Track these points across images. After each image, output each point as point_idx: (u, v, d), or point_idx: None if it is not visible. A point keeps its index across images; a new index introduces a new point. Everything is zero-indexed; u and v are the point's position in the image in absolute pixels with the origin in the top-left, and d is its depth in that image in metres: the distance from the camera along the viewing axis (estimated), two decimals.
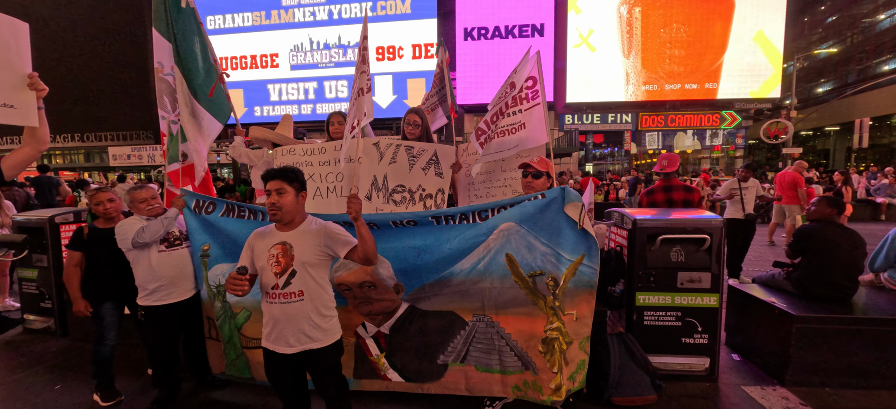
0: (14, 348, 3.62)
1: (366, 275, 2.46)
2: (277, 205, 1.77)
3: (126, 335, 2.79)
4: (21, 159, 2.00)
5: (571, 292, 2.28)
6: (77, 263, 2.56)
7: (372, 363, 2.58)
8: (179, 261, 2.54)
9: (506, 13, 17.67)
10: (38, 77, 1.90)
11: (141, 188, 2.53)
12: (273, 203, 1.77)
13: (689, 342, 2.78)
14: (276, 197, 1.77)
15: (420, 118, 3.21)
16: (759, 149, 26.01)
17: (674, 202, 3.82)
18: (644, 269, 2.76)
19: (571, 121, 19.32)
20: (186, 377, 2.80)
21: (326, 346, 1.84)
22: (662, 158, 3.97)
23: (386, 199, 2.99)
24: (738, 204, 5.41)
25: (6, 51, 1.80)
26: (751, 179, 5.51)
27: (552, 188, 2.35)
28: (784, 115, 17.29)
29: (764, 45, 17.48)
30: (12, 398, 2.79)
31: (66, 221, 3.87)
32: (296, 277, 1.77)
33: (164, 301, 2.46)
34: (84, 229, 2.61)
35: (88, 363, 2.75)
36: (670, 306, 2.76)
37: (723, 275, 2.75)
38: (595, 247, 2.26)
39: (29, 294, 3.96)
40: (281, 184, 1.78)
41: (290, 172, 1.81)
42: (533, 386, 2.36)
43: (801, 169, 7.21)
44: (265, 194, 1.81)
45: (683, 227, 2.74)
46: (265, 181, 1.80)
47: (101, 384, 2.67)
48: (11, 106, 1.83)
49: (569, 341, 2.31)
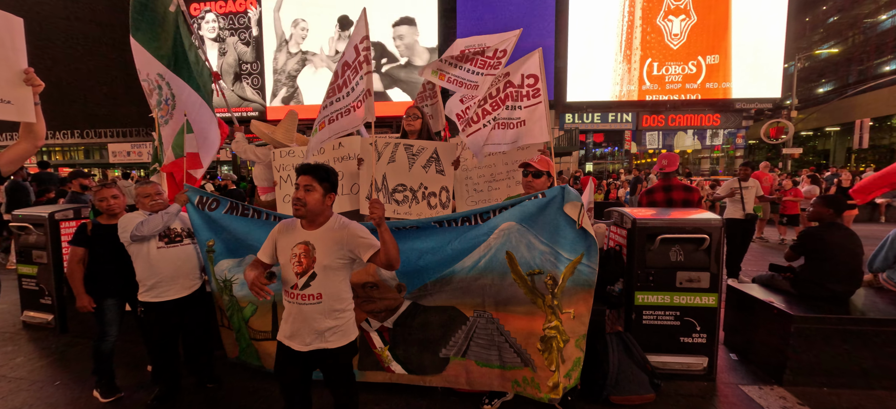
0: (14, 343, 3.62)
1: (368, 276, 2.47)
2: (302, 200, 1.73)
3: (127, 332, 2.79)
4: (18, 155, 1.99)
5: (570, 291, 2.28)
6: (80, 258, 2.56)
7: (376, 355, 2.60)
8: (178, 258, 2.53)
9: (506, 12, 17.66)
10: (34, 73, 1.88)
11: (146, 183, 2.54)
12: (298, 197, 1.73)
13: (688, 342, 2.79)
14: (302, 193, 1.73)
15: (420, 113, 3.21)
16: (760, 149, 26.00)
17: (673, 202, 3.83)
18: (643, 268, 2.76)
19: (572, 120, 19.32)
20: (186, 375, 2.80)
21: (341, 346, 1.82)
22: (662, 157, 3.98)
23: (387, 198, 2.99)
24: (738, 204, 5.41)
25: (1, 47, 1.78)
26: (751, 178, 5.52)
27: (552, 187, 2.35)
28: (784, 115, 17.29)
29: (765, 44, 17.46)
30: (13, 393, 2.80)
31: (65, 217, 3.87)
32: (316, 279, 1.74)
33: (161, 297, 2.46)
34: (88, 224, 2.61)
35: (88, 359, 2.75)
36: (669, 305, 2.77)
37: (722, 275, 2.75)
38: (594, 246, 2.26)
39: (29, 291, 3.96)
40: (310, 180, 1.74)
41: (323, 171, 1.77)
42: (531, 383, 2.37)
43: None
44: (294, 187, 1.78)
45: (683, 226, 2.74)
46: (298, 174, 1.77)
47: (101, 381, 2.68)
48: (8, 102, 1.81)
49: (566, 339, 2.32)
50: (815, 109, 22.31)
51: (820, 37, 26.39)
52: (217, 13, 19.28)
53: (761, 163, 9.03)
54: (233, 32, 19.52)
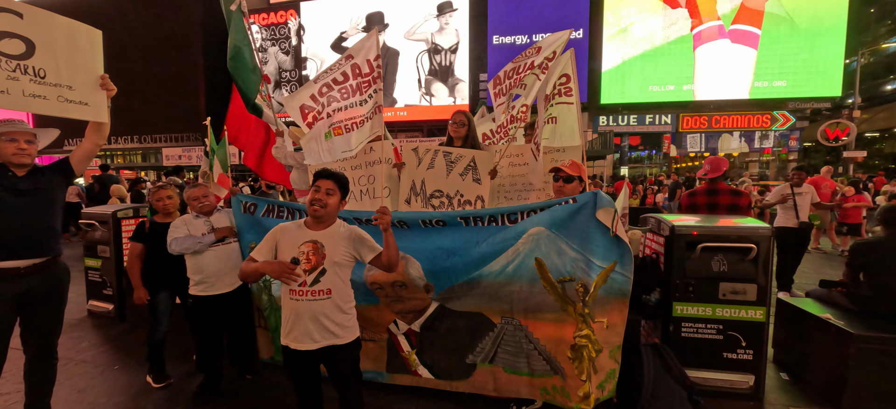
0: (80, 329, 3.99)
1: (397, 275, 2.52)
2: (323, 202, 1.83)
3: (176, 324, 3.01)
4: (86, 153, 2.26)
5: (602, 300, 2.22)
6: (138, 254, 2.79)
7: (403, 358, 2.64)
8: (221, 256, 2.68)
9: (538, 13, 17.43)
10: (108, 78, 2.16)
11: (194, 187, 2.72)
12: (320, 198, 1.82)
13: (732, 358, 2.62)
14: (323, 195, 1.83)
15: (466, 119, 3.23)
16: (817, 152, 23.90)
17: (718, 207, 3.59)
18: (682, 278, 2.63)
19: (606, 122, 18.72)
20: (227, 366, 2.97)
21: (349, 342, 1.90)
22: (706, 163, 3.76)
23: (424, 203, 3.05)
24: (791, 211, 5.02)
25: (83, 55, 2.08)
26: (805, 184, 5.11)
27: (584, 193, 2.30)
28: (846, 115, 15.87)
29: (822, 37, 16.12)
30: (79, 375, 3.09)
31: (126, 216, 4.23)
32: (325, 275, 1.82)
33: (207, 292, 2.63)
34: (145, 222, 2.85)
35: (142, 346, 2.98)
36: (711, 317, 2.62)
37: (770, 287, 2.57)
38: (628, 254, 2.19)
39: (93, 282, 4.36)
40: (333, 185, 1.86)
41: (343, 179, 1.91)
42: (561, 392, 2.32)
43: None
44: (313, 189, 1.86)
45: (727, 235, 2.59)
46: (317, 178, 1.87)
47: (154, 367, 2.90)
48: (86, 104, 2.11)
49: (598, 349, 2.25)
50: (883, 107, 20.30)
51: (887, 29, 24.02)
52: (260, 25, 20.38)
53: (823, 168, 8.27)
54: (274, 42, 20.56)
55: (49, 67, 1.95)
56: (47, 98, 1.96)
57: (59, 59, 1.98)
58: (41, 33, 1.93)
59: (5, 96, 1.84)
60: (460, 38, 18.49)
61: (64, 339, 2.35)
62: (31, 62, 1.90)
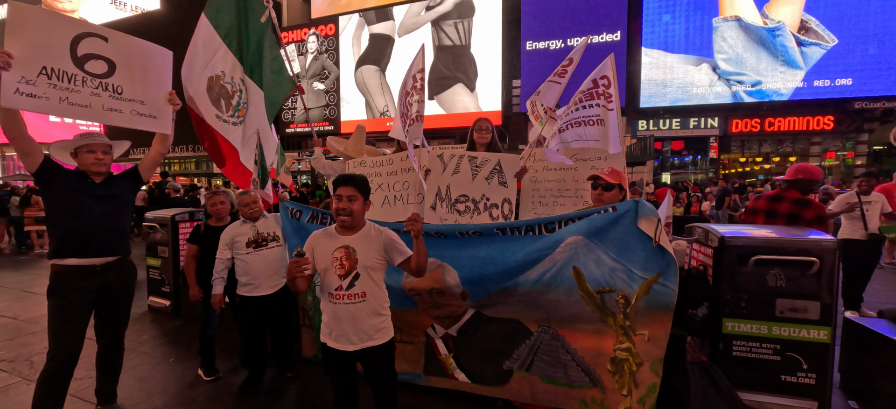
0: (141, 323, 4.35)
1: (434, 282, 2.55)
2: (348, 210, 1.87)
3: (226, 322, 3.21)
4: (152, 161, 2.51)
5: (644, 312, 2.13)
6: (194, 255, 3.01)
7: (441, 361, 2.67)
8: (264, 259, 2.82)
9: (573, 16, 17.10)
10: (175, 94, 2.39)
11: (245, 194, 2.90)
12: (344, 208, 1.87)
13: (791, 381, 2.42)
14: (346, 203, 1.87)
15: (490, 125, 3.25)
16: (889, 156, 21.58)
17: (776, 216, 3.30)
18: (734, 292, 2.47)
19: (646, 127, 17.93)
20: (270, 363, 3.12)
21: (384, 343, 1.94)
22: (791, 167, 3.36)
23: (449, 208, 3.07)
24: (858, 222, 4.57)
25: (155, 73, 2.32)
26: (874, 192, 4.64)
27: (624, 201, 2.23)
28: None
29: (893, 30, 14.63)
30: (139, 365, 3.36)
31: (183, 219, 4.57)
32: (359, 279, 1.87)
33: (252, 293, 2.79)
34: (201, 226, 3.07)
35: (195, 341, 3.20)
36: (766, 336, 2.44)
37: (836, 305, 2.35)
38: (673, 265, 2.09)
39: (153, 279, 4.75)
40: (353, 191, 1.89)
41: (361, 181, 1.93)
42: (600, 404, 2.25)
43: None
44: (335, 199, 1.91)
45: (784, 247, 2.41)
46: (336, 186, 1.91)
47: (205, 361, 3.10)
48: (155, 117, 2.33)
49: (639, 362, 2.16)
50: None
51: None
52: (319, 35, 21.44)
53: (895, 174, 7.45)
54: (325, 53, 21.50)
55: (126, 85, 2.18)
56: (122, 112, 2.18)
57: (135, 77, 2.21)
58: (122, 55, 2.16)
59: (87, 110, 2.07)
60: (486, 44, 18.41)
61: (128, 331, 2.58)
62: (111, 80, 2.14)
